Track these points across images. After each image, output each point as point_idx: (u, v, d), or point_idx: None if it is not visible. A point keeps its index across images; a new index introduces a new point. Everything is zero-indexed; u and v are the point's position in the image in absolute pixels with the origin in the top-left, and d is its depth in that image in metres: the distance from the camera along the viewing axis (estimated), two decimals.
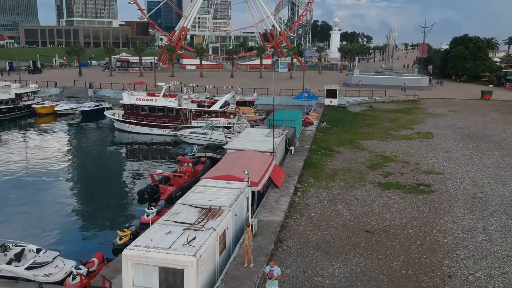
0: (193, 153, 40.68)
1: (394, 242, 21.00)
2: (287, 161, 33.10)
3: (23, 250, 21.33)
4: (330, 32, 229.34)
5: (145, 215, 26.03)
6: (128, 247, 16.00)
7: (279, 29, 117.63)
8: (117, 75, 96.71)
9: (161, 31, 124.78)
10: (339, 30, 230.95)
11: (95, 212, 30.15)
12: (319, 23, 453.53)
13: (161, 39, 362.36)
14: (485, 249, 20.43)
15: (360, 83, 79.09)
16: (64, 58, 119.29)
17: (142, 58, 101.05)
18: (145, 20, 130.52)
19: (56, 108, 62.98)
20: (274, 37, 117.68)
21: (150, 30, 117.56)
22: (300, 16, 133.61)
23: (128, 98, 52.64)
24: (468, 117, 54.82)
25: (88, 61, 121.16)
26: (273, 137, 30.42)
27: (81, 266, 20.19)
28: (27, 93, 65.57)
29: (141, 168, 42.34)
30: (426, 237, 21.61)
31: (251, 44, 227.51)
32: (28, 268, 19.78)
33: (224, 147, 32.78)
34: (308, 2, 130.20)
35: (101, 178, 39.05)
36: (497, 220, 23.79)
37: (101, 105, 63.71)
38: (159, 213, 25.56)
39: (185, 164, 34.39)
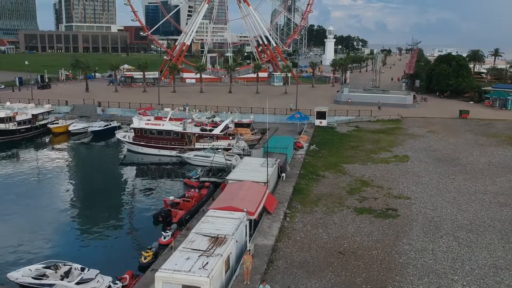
0: (197, 176, 46.76)
1: (360, 262, 27.01)
2: (279, 187, 39.09)
3: (70, 268, 27.29)
4: (325, 40, 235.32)
5: (162, 237, 31.93)
6: (159, 270, 21.98)
7: (274, 45, 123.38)
8: (121, 90, 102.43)
9: (160, 45, 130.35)
10: (334, 38, 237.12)
11: (118, 232, 36.08)
12: (314, 27, 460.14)
13: (158, 48, 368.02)
14: (429, 267, 26.48)
15: (349, 100, 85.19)
16: (70, 72, 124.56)
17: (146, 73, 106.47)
18: (143, 23, 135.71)
19: (70, 128, 68.80)
20: (270, 51, 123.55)
21: (141, 33, 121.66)
22: (295, 31, 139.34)
23: (138, 122, 58.60)
24: (443, 138, 60.92)
25: (93, 74, 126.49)
26: (267, 169, 36.41)
27: (117, 282, 26.32)
28: (42, 113, 71.23)
29: (151, 187, 48.26)
30: (385, 257, 27.64)
31: (248, 48, 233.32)
32: (77, 283, 25.78)
33: (226, 177, 38.70)
34: (303, 16, 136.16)
35: (117, 198, 44.91)
36: (445, 242, 29.84)
37: (110, 124, 69.70)
38: (173, 236, 31.52)
39: (192, 190, 40.49)
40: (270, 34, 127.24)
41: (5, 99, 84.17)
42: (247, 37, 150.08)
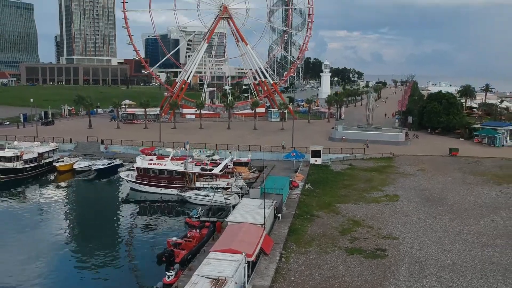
0: (198, 215, 49.29)
1: None
2: (275, 228, 41.62)
3: None
4: (321, 74, 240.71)
5: (166, 277, 34.25)
6: None
7: (271, 81, 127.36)
8: (123, 127, 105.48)
9: (160, 82, 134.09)
10: (330, 72, 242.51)
11: (121, 271, 38.39)
12: (311, 60, 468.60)
13: (158, 75, 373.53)
14: None
15: (343, 138, 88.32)
16: (72, 107, 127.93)
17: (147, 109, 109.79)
18: (144, 61, 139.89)
19: (75, 166, 71.43)
20: (267, 87, 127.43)
21: (143, 71, 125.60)
22: (291, 67, 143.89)
23: (141, 162, 61.41)
24: (433, 177, 63.71)
25: (95, 109, 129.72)
26: (264, 211, 39.03)
27: None
28: (48, 151, 73.98)
29: (154, 225, 50.63)
30: None
31: (246, 80, 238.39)
32: None
33: (226, 219, 41.25)
34: (299, 55, 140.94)
35: (120, 236, 47.37)
36: (428, 282, 32.26)
37: (113, 162, 72.47)
38: (177, 275, 33.89)
39: (193, 230, 43.00)
40: (267, 71, 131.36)
41: (11, 136, 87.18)
42: (244, 69, 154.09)
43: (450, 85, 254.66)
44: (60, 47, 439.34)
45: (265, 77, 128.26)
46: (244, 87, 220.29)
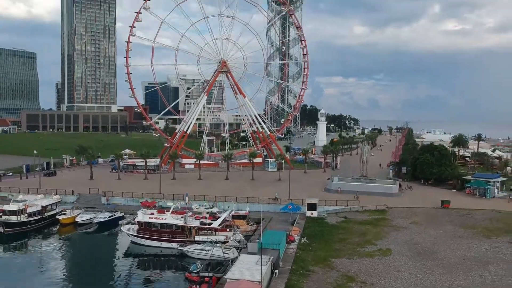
0: (198, 270, 50.98)
1: None
2: (273, 284, 43.45)
3: None
4: (317, 122, 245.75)
5: None
6: None
7: (268, 132, 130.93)
8: (124, 178, 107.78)
9: (160, 132, 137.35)
10: (326, 120, 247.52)
11: None
12: (308, 107, 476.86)
13: (157, 122, 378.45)
14: None
15: (339, 189, 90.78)
16: (74, 157, 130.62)
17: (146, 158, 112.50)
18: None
19: (77, 219, 73.35)
20: (265, 138, 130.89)
21: (144, 122, 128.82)
22: (288, 118, 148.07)
23: (142, 216, 63.55)
24: (425, 230, 65.78)
25: (96, 160, 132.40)
26: (261, 267, 41.00)
27: None
28: (51, 204, 76.05)
29: (154, 280, 52.24)
30: None
31: (244, 126, 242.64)
32: None
33: (224, 276, 43.13)
34: (295, 106, 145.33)
35: None
36: None
37: (114, 215, 74.50)
38: None
39: (193, 286, 44.78)
40: (264, 121, 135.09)
41: (15, 188, 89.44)
42: (242, 118, 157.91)
43: (444, 133, 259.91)
44: (60, 94, 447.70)
45: (262, 127, 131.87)
46: (242, 134, 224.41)
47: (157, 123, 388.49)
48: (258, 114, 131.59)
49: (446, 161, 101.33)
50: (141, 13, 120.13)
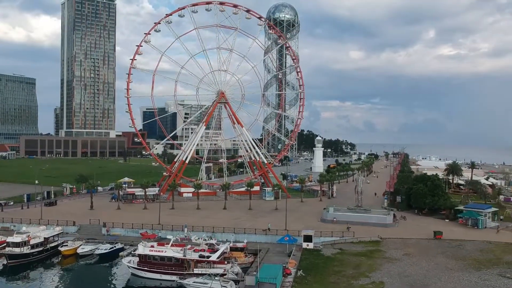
0: None
1: None
2: None
3: None
4: (314, 148, 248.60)
5: None
6: None
7: (265, 161, 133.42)
8: (123, 207, 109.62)
9: (160, 162, 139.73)
10: (322, 147, 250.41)
11: None
12: (304, 132, 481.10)
13: (155, 148, 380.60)
14: None
15: (334, 220, 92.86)
16: (74, 186, 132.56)
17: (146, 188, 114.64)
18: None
19: (78, 250, 75.08)
20: (262, 167, 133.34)
21: (143, 152, 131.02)
22: (285, 148, 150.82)
23: (143, 249, 65.46)
24: (417, 262, 67.72)
25: (95, 188, 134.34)
26: None
27: None
28: (53, 236, 77.83)
29: None
30: None
31: (241, 151, 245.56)
32: None
33: None
34: (292, 135, 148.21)
35: None
36: None
37: (115, 247, 76.25)
38: None
39: None
40: (261, 149, 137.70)
41: (17, 219, 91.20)
42: (239, 145, 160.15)
43: (440, 159, 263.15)
44: (59, 119, 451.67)
45: (259, 156, 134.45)
46: (239, 160, 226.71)
47: (155, 148, 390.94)
48: (255, 143, 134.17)
49: (439, 191, 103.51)
50: (142, 46, 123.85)
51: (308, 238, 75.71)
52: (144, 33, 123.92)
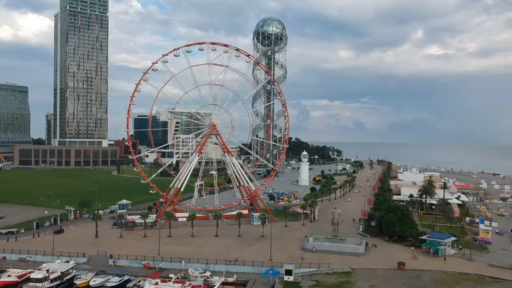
0: None
1: None
2: None
3: None
4: (300, 162, 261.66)
5: None
6: None
7: (253, 188, 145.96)
8: (125, 235, 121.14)
9: (157, 190, 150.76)
10: (308, 161, 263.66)
11: None
12: (292, 140, 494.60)
13: (147, 156, 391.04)
14: None
15: (313, 249, 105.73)
16: (77, 212, 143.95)
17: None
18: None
19: (91, 283, 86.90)
20: (250, 192, 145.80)
21: (142, 181, 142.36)
22: (271, 174, 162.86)
23: (149, 286, 77.69)
24: None
25: (96, 211, 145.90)
26: None
27: None
28: (68, 269, 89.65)
29: None
30: None
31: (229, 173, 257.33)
32: None
33: None
34: (278, 162, 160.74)
35: None
36: None
37: (123, 279, 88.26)
38: None
39: None
40: (250, 179, 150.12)
41: (32, 250, 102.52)
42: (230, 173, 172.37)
43: (419, 172, 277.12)
44: (50, 125, 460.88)
45: (247, 182, 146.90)
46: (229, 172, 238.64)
47: (147, 156, 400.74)
48: (244, 171, 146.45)
49: (407, 221, 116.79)
50: (140, 84, 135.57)
51: (288, 272, 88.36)
52: (143, 72, 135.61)
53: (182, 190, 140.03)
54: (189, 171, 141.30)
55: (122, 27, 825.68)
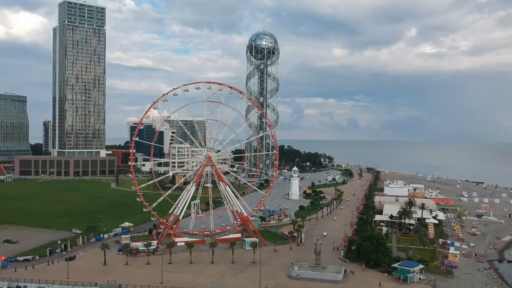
0: None
1: None
2: None
3: None
4: (291, 178, 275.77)
5: None
6: None
7: (245, 214, 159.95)
8: (130, 261, 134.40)
9: (157, 216, 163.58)
10: (298, 176, 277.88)
11: None
12: (285, 148, 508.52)
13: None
14: None
15: (298, 277, 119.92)
16: (85, 237, 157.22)
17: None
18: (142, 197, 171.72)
19: None
20: (242, 217, 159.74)
21: (138, 199, 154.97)
22: (262, 200, 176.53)
23: None
24: None
25: (101, 236, 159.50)
26: None
27: None
28: None
29: None
30: None
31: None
32: None
33: None
34: (267, 193, 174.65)
35: None
36: None
37: None
38: None
39: None
40: (242, 206, 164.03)
41: (50, 280, 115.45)
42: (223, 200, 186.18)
43: (404, 185, 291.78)
44: (47, 131, 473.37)
45: (240, 208, 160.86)
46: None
47: (143, 165, 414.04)
48: (236, 202, 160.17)
49: (382, 248, 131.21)
50: (142, 123, 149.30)
51: None
52: (145, 111, 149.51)
53: (180, 218, 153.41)
54: (187, 200, 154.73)
55: (115, 25, 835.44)
